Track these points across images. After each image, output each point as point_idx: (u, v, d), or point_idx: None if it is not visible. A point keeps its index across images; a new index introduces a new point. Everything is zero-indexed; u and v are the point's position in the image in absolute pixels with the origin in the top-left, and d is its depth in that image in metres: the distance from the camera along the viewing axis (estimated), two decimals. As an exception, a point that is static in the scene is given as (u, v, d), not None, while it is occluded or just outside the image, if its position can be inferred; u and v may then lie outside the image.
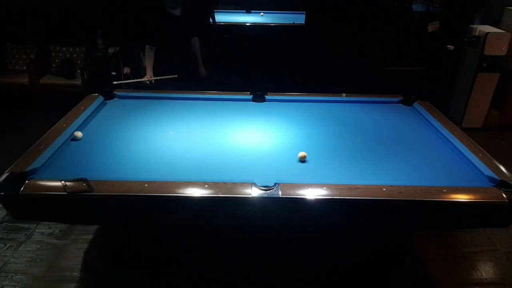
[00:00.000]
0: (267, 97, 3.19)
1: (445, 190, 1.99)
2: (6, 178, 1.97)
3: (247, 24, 5.44)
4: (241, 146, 2.50)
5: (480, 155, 2.32)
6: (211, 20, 5.29)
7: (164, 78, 3.79)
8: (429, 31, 4.94)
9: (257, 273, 2.68)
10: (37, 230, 3.02)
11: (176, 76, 3.77)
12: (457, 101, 5.05)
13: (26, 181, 1.94)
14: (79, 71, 5.01)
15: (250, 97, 3.20)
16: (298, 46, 5.25)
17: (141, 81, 3.84)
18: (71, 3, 5.03)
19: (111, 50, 5.07)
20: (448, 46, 4.93)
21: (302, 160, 2.29)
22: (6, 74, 5.04)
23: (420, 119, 2.93)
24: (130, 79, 4.15)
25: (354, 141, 2.59)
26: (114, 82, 3.67)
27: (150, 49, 3.84)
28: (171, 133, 2.64)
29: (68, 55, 5.16)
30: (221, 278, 2.65)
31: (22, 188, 1.90)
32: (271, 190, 1.95)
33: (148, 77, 3.81)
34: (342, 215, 2.05)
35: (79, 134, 2.50)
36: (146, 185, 1.96)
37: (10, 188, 1.92)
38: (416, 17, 5.20)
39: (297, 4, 6.04)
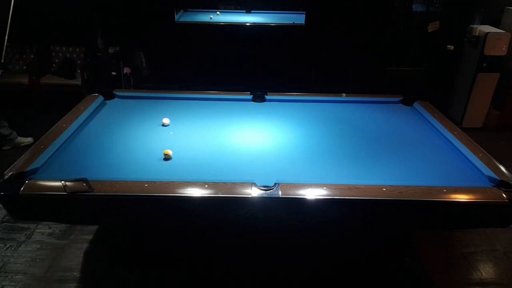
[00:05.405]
0: (267, 97, 3.19)
1: (445, 190, 1.99)
2: (6, 178, 1.97)
3: (247, 24, 5.44)
4: (241, 146, 2.50)
5: (480, 155, 2.32)
6: None
7: None
8: (429, 31, 4.94)
9: (257, 273, 2.68)
10: (37, 230, 3.02)
11: None
12: (457, 101, 5.04)
13: (26, 181, 1.94)
14: (79, 71, 5.01)
15: (250, 97, 3.19)
16: (298, 46, 5.25)
17: None
18: (71, 3, 5.02)
19: (111, 50, 5.07)
20: (448, 46, 4.94)
21: (167, 157, 2.29)
22: (6, 74, 5.03)
23: (420, 119, 2.93)
24: (131, 81, 4.10)
25: (354, 141, 2.59)
26: None
27: None
28: (171, 133, 2.64)
29: (68, 55, 5.16)
30: (221, 278, 2.65)
31: (22, 188, 1.90)
32: (271, 190, 1.95)
33: None
34: (342, 215, 2.05)
35: (167, 121, 2.71)
36: (146, 185, 1.96)
37: (10, 188, 1.92)
38: (416, 17, 5.20)
39: (297, 4, 6.03)
